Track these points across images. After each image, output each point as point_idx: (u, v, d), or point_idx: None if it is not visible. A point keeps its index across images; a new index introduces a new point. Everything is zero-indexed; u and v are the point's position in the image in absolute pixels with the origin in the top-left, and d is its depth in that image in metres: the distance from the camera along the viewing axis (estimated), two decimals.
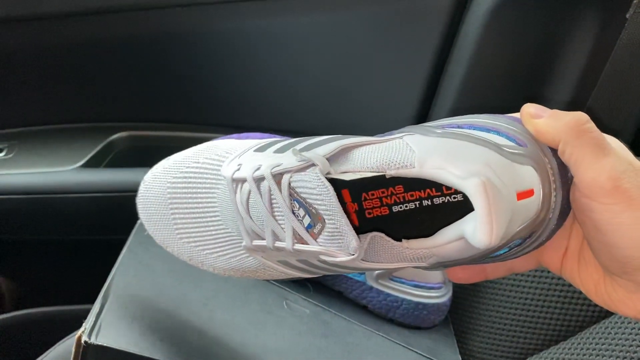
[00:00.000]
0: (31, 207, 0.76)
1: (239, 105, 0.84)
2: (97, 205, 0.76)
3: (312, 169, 0.33)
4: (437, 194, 0.32)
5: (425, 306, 0.60)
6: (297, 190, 0.33)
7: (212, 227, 0.40)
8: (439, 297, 0.61)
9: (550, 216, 0.31)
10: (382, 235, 0.33)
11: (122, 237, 0.56)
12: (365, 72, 0.79)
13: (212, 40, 0.80)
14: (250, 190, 0.36)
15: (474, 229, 0.29)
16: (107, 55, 0.82)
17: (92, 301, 0.46)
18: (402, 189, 0.32)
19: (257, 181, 0.36)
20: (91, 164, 0.79)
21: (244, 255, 0.39)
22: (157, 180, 0.43)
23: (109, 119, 0.86)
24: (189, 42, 0.80)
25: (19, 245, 0.83)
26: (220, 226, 0.40)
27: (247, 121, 0.85)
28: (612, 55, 0.63)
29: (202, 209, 0.40)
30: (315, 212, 0.33)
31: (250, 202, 0.36)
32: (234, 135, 0.45)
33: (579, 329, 0.61)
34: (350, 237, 0.32)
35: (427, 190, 0.32)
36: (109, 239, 0.65)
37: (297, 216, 0.34)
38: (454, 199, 0.31)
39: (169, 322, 0.47)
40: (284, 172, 0.34)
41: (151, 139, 0.86)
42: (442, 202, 0.32)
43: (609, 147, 0.30)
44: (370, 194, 0.32)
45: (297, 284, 0.60)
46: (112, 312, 0.45)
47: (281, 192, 0.34)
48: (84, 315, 0.44)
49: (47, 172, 0.77)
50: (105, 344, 0.42)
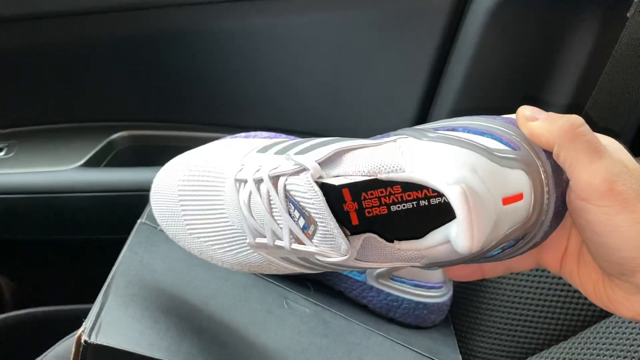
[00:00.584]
0: (31, 207, 0.76)
1: (240, 104, 0.84)
2: (97, 204, 0.76)
3: (304, 174, 0.34)
4: (433, 195, 0.32)
5: (425, 305, 0.60)
6: (291, 193, 0.35)
7: (219, 223, 0.41)
8: (439, 296, 0.61)
9: (543, 218, 0.32)
10: (375, 236, 0.34)
11: (122, 236, 0.56)
12: (365, 71, 0.79)
13: (213, 39, 0.79)
14: (251, 190, 0.37)
15: (456, 235, 0.29)
16: (108, 54, 0.82)
17: (92, 301, 0.46)
18: (400, 189, 0.33)
19: (257, 182, 0.37)
20: (91, 164, 0.79)
21: (249, 251, 0.40)
22: (168, 177, 0.45)
23: (109, 118, 0.86)
24: (189, 41, 0.80)
25: (19, 244, 0.83)
26: (227, 223, 0.41)
27: (247, 121, 0.85)
28: (612, 54, 0.63)
29: (209, 206, 0.42)
30: (308, 214, 0.34)
31: (251, 201, 0.38)
32: (242, 134, 0.46)
33: (580, 329, 0.61)
34: (340, 240, 0.33)
35: (424, 190, 0.32)
36: (109, 239, 0.65)
37: (293, 217, 0.35)
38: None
39: (169, 322, 0.47)
40: (280, 175, 0.35)
41: (151, 139, 0.86)
42: (438, 203, 0.32)
43: (604, 150, 0.30)
44: (369, 193, 0.33)
45: (297, 284, 0.60)
46: (112, 311, 0.45)
47: (278, 194, 0.35)
48: (84, 314, 0.44)
49: (47, 172, 0.77)
50: (105, 344, 0.42)
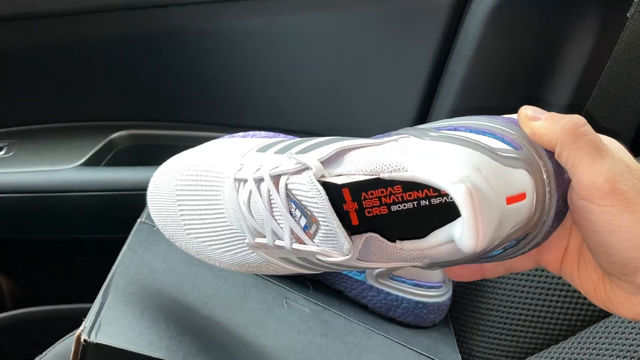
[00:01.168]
0: (31, 206, 0.76)
1: (240, 104, 0.84)
2: (97, 203, 0.76)
3: (306, 172, 0.34)
4: (434, 194, 0.32)
5: (425, 305, 0.60)
6: (293, 192, 0.34)
7: (217, 224, 0.41)
8: (438, 296, 0.61)
9: (545, 218, 0.32)
10: (376, 236, 0.33)
11: (122, 235, 0.56)
12: (365, 71, 0.79)
13: (214, 39, 0.79)
14: (251, 190, 0.37)
15: (461, 234, 0.29)
16: (108, 53, 0.82)
17: (92, 300, 0.46)
18: (401, 189, 0.32)
19: (258, 182, 0.36)
20: (91, 163, 0.79)
21: (248, 251, 0.40)
22: (165, 177, 0.44)
23: (110, 117, 0.86)
24: (189, 41, 0.80)
25: (19, 243, 0.83)
26: (225, 223, 0.40)
27: (247, 120, 0.85)
28: (612, 54, 0.63)
29: (208, 206, 0.41)
30: (310, 213, 0.34)
31: (251, 201, 0.37)
32: (240, 133, 0.46)
33: (580, 328, 0.61)
34: (342, 239, 0.33)
35: (425, 190, 0.32)
36: (109, 238, 0.65)
37: (294, 217, 0.35)
38: (451, 199, 0.31)
39: (169, 321, 0.47)
40: (282, 174, 0.35)
41: (152, 138, 0.86)
42: (439, 203, 0.32)
43: (606, 150, 0.30)
44: (369, 193, 0.33)
45: (297, 283, 0.60)
46: (111, 310, 0.45)
47: (279, 193, 0.35)
48: (84, 314, 0.44)
49: (47, 171, 0.77)
50: (104, 343, 0.42)
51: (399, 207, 0.33)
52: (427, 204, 0.32)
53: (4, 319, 0.80)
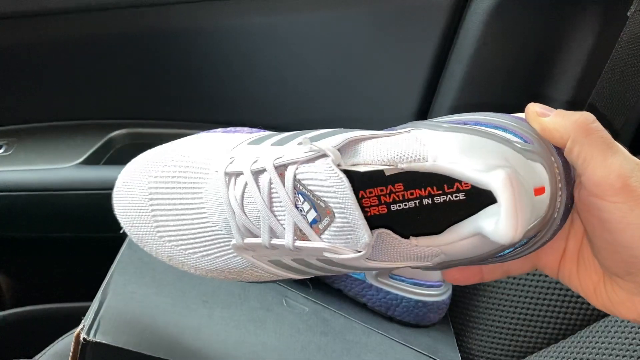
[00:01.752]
0: (30, 204, 0.76)
1: (240, 102, 0.84)
2: (96, 202, 0.76)
3: (322, 160, 0.31)
4: (437, 193, 0.31)
5: (424, 304, 0.60)
6: (303, 182, 0.32)
7: (197, 224, 0.38)
8: (438, 295, 0.61)
9: (555, 215, 0.31)
10: (388, 232, 0.31)
11: (121, 234, 0.56)
12: (365, 69, 0.79)
13: (213, 37, 0.79)
14: (246, 183, 0.34)
15: (497, 223, 0.27)
16: (107, 52, 0.81)
17: (92, 298, 0.46)
18: (402, 187, 0.31)
19: (256, 174, 0.34)
20: (90, 161, 0.79)
21: (230, 255, 0.37)
22: (137, 174, 0.41)
23: (109, 116, 0.85)
24: (189, 39, 0.80)
25: (18, 242, 0.83)
26: (206, 224, 0.37)
27: (247, 118, 0.85)
28: (612, 53, 0.63)
29: (186, 205, 0.38)
30: (323, 205, 0.31)
31: (245, 196, 0.35)
32: (220, 129, 0.42)
33: (579, 328, 0.61)
34: (362, 231, 0.31)
35: (428, 188, 0.31)
36: (108, 236, 0.64)
37: (300, 211, 0.32)
38: (456, 197, 0.31)
39: (168, 320, 0.47)
40: (289, 164, 0.32)
41: (151, 137, 0.86)
42: (443, 201, 0.31)
43: (617, 146, 0.30)
44: (368, 192, 0.32)
45: (296, 282, 0.60)
46: (111, 309, 0.45)
47: (284, 185, 0.32)
48: (83, 312, 0.44)
49: (46, 169, 0.77)
50: (104, 341, 0.42)
51: (399, 206, 0.32)
52: (430, 202, 0.31)
53: (4, 318, 0.80)
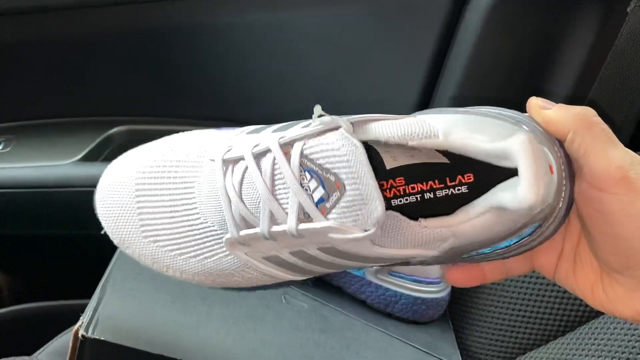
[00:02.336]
0: (29, 201, 0.76)
1: (239, 99, 0.84)
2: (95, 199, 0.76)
3: (334, 132, 0.30)
4: (440, 186, 0.31)
5: (424, 301, 0.60)
6: (312, 157, 0.30)
7: (186, 221, 0.36)
8: (437, 291, 0.61)
9: (560, 205, 0.30)
10: (397, 214, 0.30)
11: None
12: (365, 64, 0.79)
13: (212, 33, 0.79)
14: (246, 168, 0.33)
15: (518, 188, 0.27)
16: (106, 48, 0.81)
17: (90, 296, 0.46)
18: (403, 181, 0.31)
19: (258, 157, 0.33)
20: (89, 158, 0.79)
21: (222, 253, 0.35)
22: (122, 169, 0.38)
23: (108, 113, 0.85)
24: (188, 35, 0.80)
25: (17, 239, 0.83)
26: (196, 220, 0.36)
27: (246, 115, 0.85)
28: (612, 49, 0.63)
29: (176, 202, 0.36)
30: (333, 179, 0.30)
31: (244, 183, 0.33)
32: (211, 129, 0.40)
33: (577, 324, 0.61)
34: (375, 202, 0.29)
35: (430, 182, 0.31)
36: (107, 233, 0.64)
37: (306, 190, 0.31)
38: (458, 191, 0.30)
39: (167, 316, 0.47)
40: (296, 140, 0.31)
41: (150, 133, 0.85)
42: (445, 195, 0.31)
43: (617, 140, 0.30)
44: None
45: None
46: (109, 306, 0.45)
47: (290, 163, 0.31)
48: (82, 309, 0.44)
49: (44, 166, 0.77)
50: (102, 338, 0.42)
51: (400, 201, 0.31)
52: (432, 196, 0.31)
53: (3, 315, 0.80)
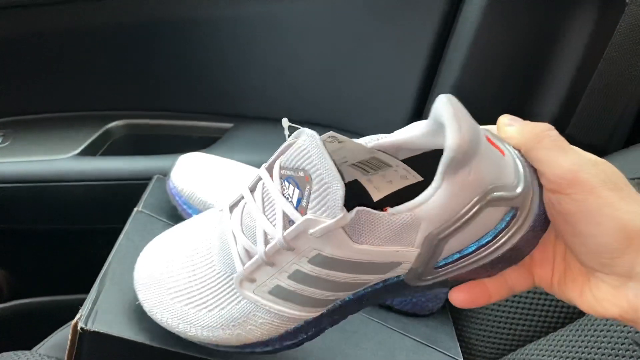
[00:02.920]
0: (27, 196, 0.76)
1: (236, 93, 0.84)
2: (93, 193, 0.76)
3: (298, 140, 0.34)
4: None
5: (423, 293, 0.60)
6: (287, 165, 0.34)
7: (204, 273, 0.40)
8: None
9: (531, 195, 0.33)
10: (367, 209, 0.33)
11: (118, 225, 0.56)
12: (364, 57, 0.79)
13: (209, 27, 0.79)
14: (245, 203, 0.38)
15: (446, 137, 0.30)
16: (104, 43, 0.81)
17: (89, 290, 0.46)
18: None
19: (252, 188, 0.37)
20: (87, 152, 0.79)
21: (234, 300, 0.39)
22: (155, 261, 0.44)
23: (106, 107, 0.85)
24: (186, 29, 0.80)
25: (15, 234, 0.83)
26: (212, 269, 0.40)
27: (243, 110, 0.85)
28: (612, 39, 0.63)
29: (197, 260, 0.41)
30: (303, 174, 0.33)
31: (244, 217, 0.38)
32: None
33: (577, 316, 0.61)
34: (336, 182, 0.32)
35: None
36: (106, 228, 0.65)
37: (287, 198, 0.34)
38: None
39: None
40: (275, 161, 0.36)
41: (148, 127, 0.86)
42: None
43: (569, 147, 0.33)
44: None
45: None
46: (108, 299, 0.45)
47: (273, 179, 0.35)
48: (81, 304, 0.44)
49: (43, 161, 0.77)
50: (101, 331, 0.42)
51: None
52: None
53: (3, 310, 0.80)
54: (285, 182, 0.35)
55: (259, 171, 0.37)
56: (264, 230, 0.36)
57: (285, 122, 0.38)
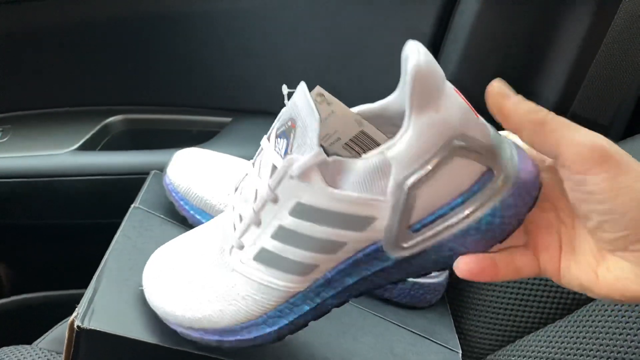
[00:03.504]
0: (27, 191, 0.76)
1: (235, 87, 0.84)
2: (92, 188, 0.76)
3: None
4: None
5: (421, 286, 0.60)
6: (282, 119, 0.36)
7: (201, 252, 0.42)
8: (435, 276, 0.61)
9: (510, 161, 0.33)
10: (338, 157, 0.33)
11: (117, 220, 0.56)
12: (361, 49, 0.78)
13: (208, 21, 0.79)
14: (246, 175, 0.39)
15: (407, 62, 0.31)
16: (103, 37, 0.81)
17: (88, 285, 0.46)
18: None
19: (254, 162, 0.39)
20: (87, 147, 0.79)
21: (223, 270, 0.40)
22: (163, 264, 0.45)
23: (105, 102, 0.85)
24: (184, 23, 0.79)
25: (14, 229, 0.84)
26: (210, 248, 0.42)
27: (242, 104, 0.85)
28: (610, 29, 0.63)
29: (200, 243, 0.43)
30: (290, 123, 0.35)
31: (243, 189, 0.39)
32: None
33: (576, 307, 0.61)
34: (312, 121, 0.33)
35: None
36: (105, 222, 0.65)
37: (277, 151, 0.35)
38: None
39: None
40: (273, 128, 0.37)
41: (147, 122, 0.86)
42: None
43: (575, 124, 0.31)
44: None
45: None
46: (105, 296, 0.45)
47: (269, 141, 0.37)
48: (80, 299, 0.44)
49: (42, 156, 0.77)
50: (98, 329, 0.42)
51: None
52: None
53: (3, 305, 0.81)
54: (278, 139, 0.36)
55: (261, 141, 0.38)
56: (255, 189, 0.37)
57: (284, 89, 0.39)
